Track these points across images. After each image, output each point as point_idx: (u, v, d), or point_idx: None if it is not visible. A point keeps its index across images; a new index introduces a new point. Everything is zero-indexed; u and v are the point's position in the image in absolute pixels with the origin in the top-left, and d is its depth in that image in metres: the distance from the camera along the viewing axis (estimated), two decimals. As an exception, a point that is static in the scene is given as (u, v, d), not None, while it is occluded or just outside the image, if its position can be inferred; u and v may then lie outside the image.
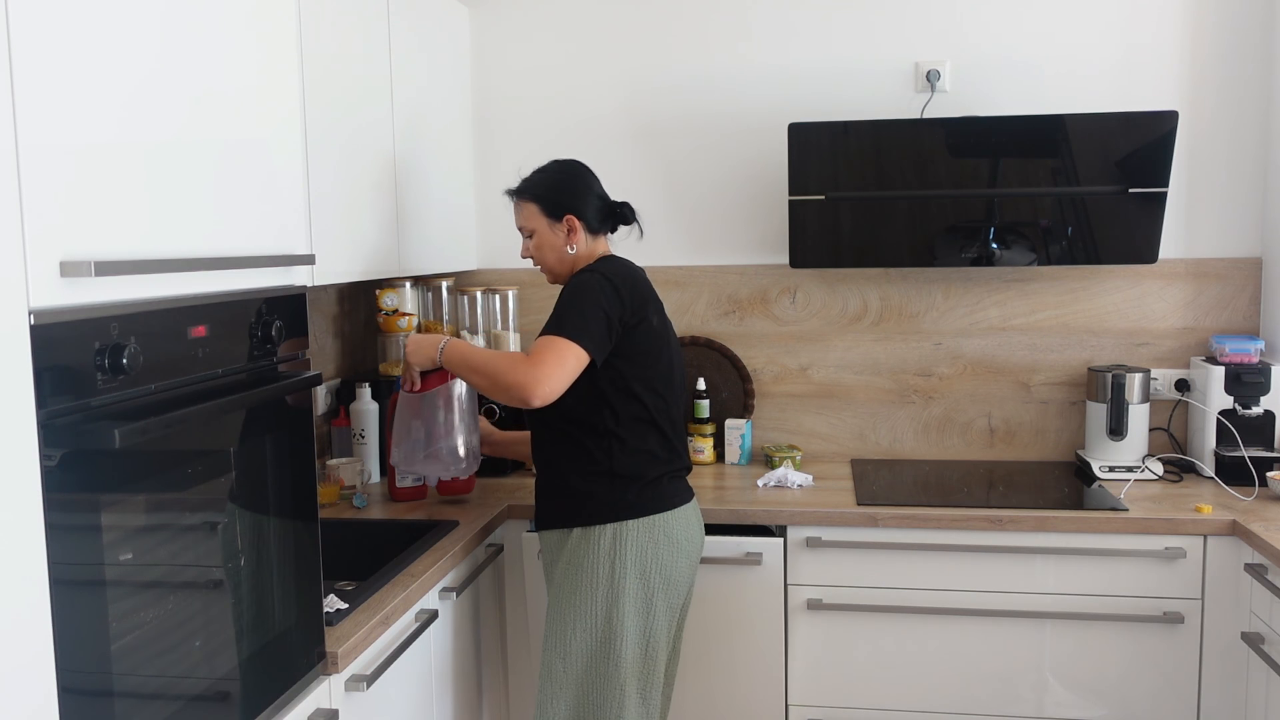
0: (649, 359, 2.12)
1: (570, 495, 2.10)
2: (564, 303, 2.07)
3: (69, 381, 1.16)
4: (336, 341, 2.97)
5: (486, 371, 2.06)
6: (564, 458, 2.12)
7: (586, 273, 2.11)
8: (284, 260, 1.59)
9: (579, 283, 2.09)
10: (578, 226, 2.20)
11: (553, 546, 2.15)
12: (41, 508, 1.12)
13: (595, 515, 2.08)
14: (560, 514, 2.12)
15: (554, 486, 2.15)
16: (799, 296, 3.07)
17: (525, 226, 2.23)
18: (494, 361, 2.07)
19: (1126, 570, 2.42)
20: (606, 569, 2.05)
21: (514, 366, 2.02)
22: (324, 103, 2.21)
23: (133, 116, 1.29)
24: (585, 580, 2.06)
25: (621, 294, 2.09)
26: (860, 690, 2.54)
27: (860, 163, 2.78)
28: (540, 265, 2.25)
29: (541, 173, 2.27)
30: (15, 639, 1.10)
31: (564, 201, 2.20)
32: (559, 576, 2.11)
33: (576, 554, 2.08)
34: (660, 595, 2.09)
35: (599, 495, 2.08)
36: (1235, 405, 2.70)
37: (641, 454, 2.11)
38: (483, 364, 2.08)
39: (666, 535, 2.10)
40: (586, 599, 2.06)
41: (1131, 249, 2.74)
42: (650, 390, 2.12)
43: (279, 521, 1.61)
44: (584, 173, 2.26)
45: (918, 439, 3.06)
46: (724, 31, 3.05)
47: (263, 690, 1.56)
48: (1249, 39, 2.84)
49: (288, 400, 1.62)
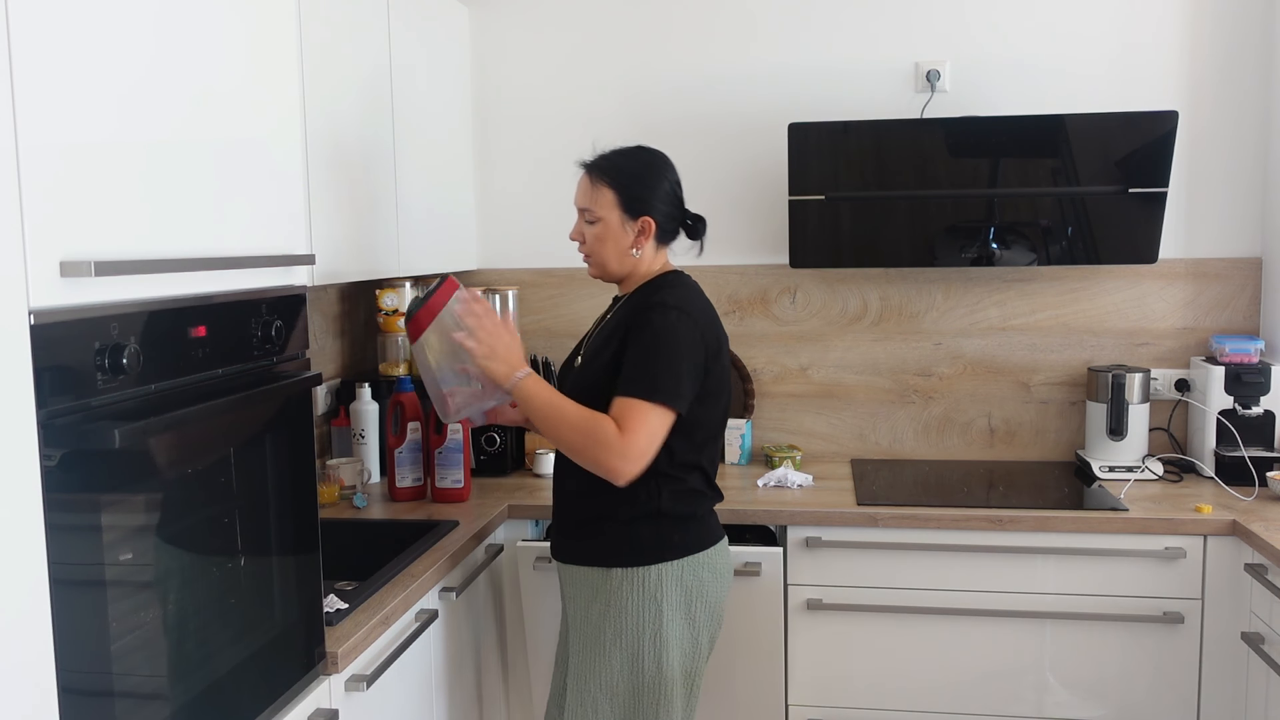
0: (713, 400, 1.96)
1: (611, 535, 1.94)
2: (653, 352, 1.86)
3: (69, 381, 1.16)
4: (336, 341, 2.97)
5: (572, 432, 1.86)
6: (603, 494, 1.92)
7: (672, 311, 1.90)
8: (284, 260, 1.59)
9: (668, 327, 1.88)
10: (651, 231, 1.99)
11: (585, 583, 1.97)
12: (41, 508, 1.12)
13: (640, 557, 1.92)
14: (598, 553, 1.95)
15: (589, 523, 1.97)
16: (799, 296, 3.07)
17: (592, 211, 2.00)
18: (583, 425, 1.85)
19: (1126, 570, 2.41)
20: (653, 613, 1.91)
21: (606, 443, 1.82)
22: (324, 102, 2.21)
23: (132, 116, 1.29)
24: (630, 624, 1.91)
25: (706, 338, 1.93)
26: (860, 690, 2.54)
27: (860, 163, 2.78)
28: (591, 256, 2.03)
29: (626, 157, 2.03)
30: (15, 639, 1.10)
31: (645, 199, 1.99)
32: (596, 617, 1.95)
33: (618, 596, 1.92)
34: (705, 630, 1.98)
35: (644, 536, 1.92)
36: (1235, 405, 2.70)
37: (687, 493, 1.96)
38: (570, 422, 1.86)
39: (710, 569, 1.97)
40: (632, 642, 1.91)
41: (1131, 249, 2.73)
42: (708, 432, 1.98)
43: (279, 521, 1.60)
44: (670, 170, 2.04)
45: (918, 439, 3.06)
46: (724, 31, 3.05)
47: (263, 690, 1.56)
48: (1249, 39, 2.84)
49: (288, 400, 1.62)
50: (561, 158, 3.15)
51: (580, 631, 1.98)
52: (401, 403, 2.63)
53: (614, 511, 1.93)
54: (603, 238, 2.00)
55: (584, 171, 2.04)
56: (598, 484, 1.91)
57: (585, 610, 1.97)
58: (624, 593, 1.92)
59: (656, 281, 2.01)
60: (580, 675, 1.97)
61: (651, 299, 1.95)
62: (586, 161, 2.04)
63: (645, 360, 1.87)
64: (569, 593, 2.03)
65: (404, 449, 2.63)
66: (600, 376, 1.93)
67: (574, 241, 2.06)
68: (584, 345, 2.09)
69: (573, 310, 3.17)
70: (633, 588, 1.92)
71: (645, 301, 1.96)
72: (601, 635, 1.94)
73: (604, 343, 1.98)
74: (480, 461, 2.86)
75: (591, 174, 2.02)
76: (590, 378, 1.96)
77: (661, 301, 1.92)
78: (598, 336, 2.03)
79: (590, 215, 2.01)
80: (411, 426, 2.63)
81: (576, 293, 3.17)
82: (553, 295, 3.19)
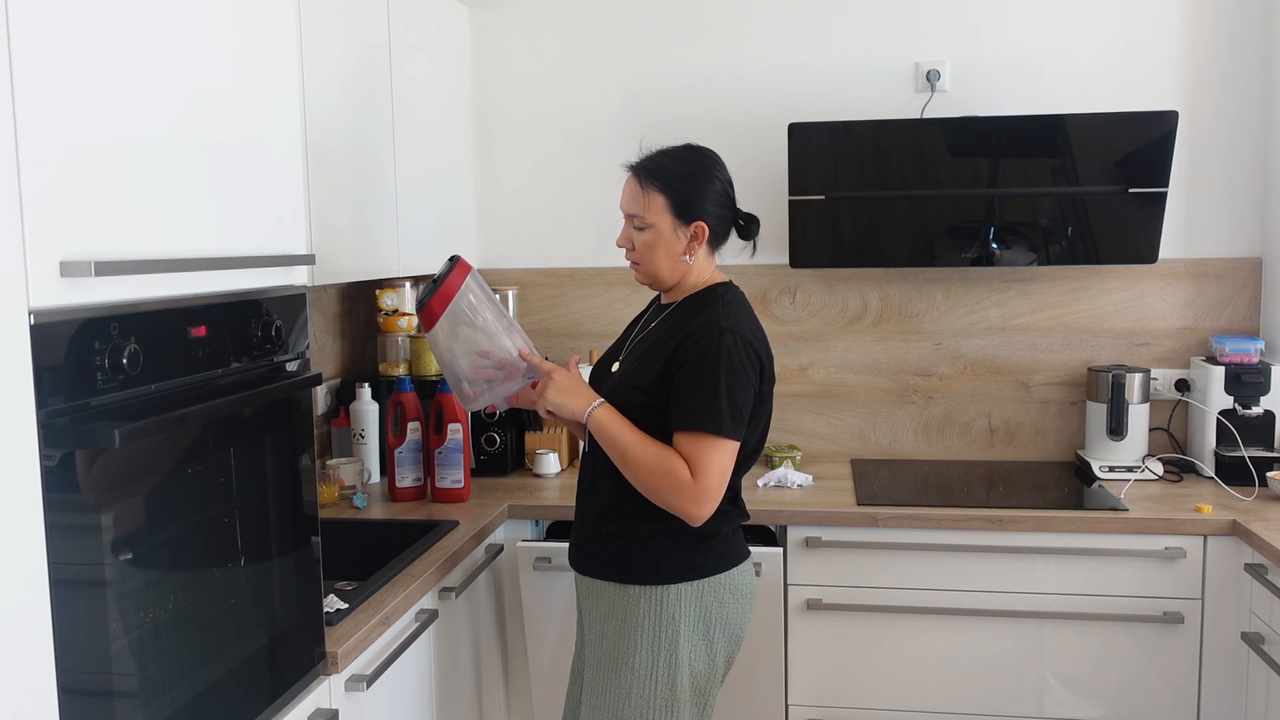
0: (756, 421, 1.91)
1: (631, 551, 1.89)
2: (714, 381, 1.79)
3: (69, 381, 1.16)
4: (336, 341, 2.97)
5: (647, 473, 1.81)
6: (628, 508, 1.88)
7: (727, 334, 1.82)
8: (284, 260, 1.59)
9: (725, 352, 1.80)
10: (704, 237, 1.90)
11: (601, 597, 1.92)
12: (41, 508, 1.12)
13: (658, 575, 1.86)
14: (616, 568, 1.90)
15: (611, 536, 1.91)
16: (799, 296, 3.07)
17: (642, 218, 1.90)
18: (657, 467, 1.80)
19: (1126, 570, 2.41)
20: (669, 633, 1.85)
21: (681, 489, 1.78)
22: (323, 102, 2.21)
23: (132, 116, 1.29)
24: (645, 642, 1.86)
25: (763, 360, 1.88)
26: (860, 690, 2.54)
27: (860, 163, 2.78)
28: (640, 264, 1.93)
29: (675, 159, 1.92)
30: (15, 639, 1.10)
31: (697, 203, 1.89)
32: (611, 633, 1.90)
33: (634, 614, 1.87)
34: (722, 651, 1.92)
35: (664, 554, 1.87)
36: (1235, 405, 2.70)
37: (717, 514, 1.86)
38: (645, 463, 1.81)
39: (731, 590, 1.91)
40: (646, 661, 1.86)
41: (1131, 249, 2.73)
42: (746, 452, 1.91)
43: (279, 522, 1.60)
44: (721, 170, 1.95)
45: (918, 439, 3.06)
46: (724, 31, 3.05)
47: (263, 690, 1.56)
48: (1249, 39, 2.84)
49: (288, 400, 1.62)
50: (562, 158, 3.16)
51: (595, 646, 1.94)
52: (401, 403, 2.63)
53: (636, 527, 1.88)
54: (653, 245, 1.90)
55: (630, 174, 1.93)
56: (624, 496, 1.87)
57: (601, 624, 1.92)
58: (640, 611, 1.86)
59: (707, 295, 1.92)
60: (594, 690, 1.92)
61: (702, 317, 1.86)
62: (633, 164, 1.93)
63: (708, 390, 1.80)
64: (586, 605, 1.98)
65: (404, 449, 2.63)
66: (640, 392, 1.87)
67: (620, 248, 1.96)
68: (624, 350, 2.01)
69: (573, 310, 3.17)
70: (650, 606, 1.86)
71: (696, 318, 1.87)
72: (616, 651, 1.89)
73: (647, 355, 1.91)
74: (480, 461, 2.86)
75: (640, 177, 1.91)
76: (628, 390, 1.89)
77: (715, 323, 1.84)
78: (640, 344, 1.96)
79: (640, 221, 1.90)
80: (411, 426, 2.63)
81: (576, 293, 3.17)
82: (553, 295, 3.19)
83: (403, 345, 2.96)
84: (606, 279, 3.14)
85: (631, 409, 1.86)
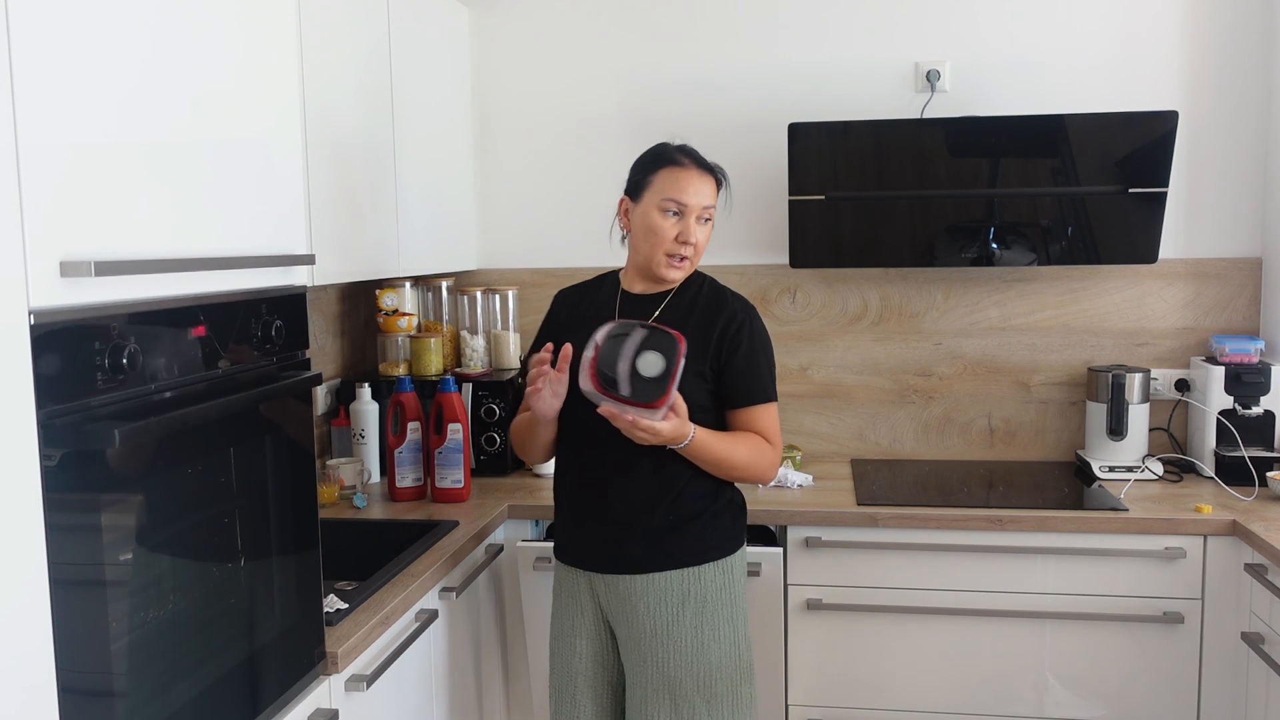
0: None
1: (711, 529, 1.96)
2: (765, 356, 1.99)
3: (69, 381, 1.16)
4: (336, 341, 2.97)
5: (746, 467, 1.95)
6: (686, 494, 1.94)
7: (754, 311, 2.02)
8: (284, 260, 1.59)
9: (763, 332, 2.00)
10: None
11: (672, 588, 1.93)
12: (41, 508, 1.12)
13: (725, 547, 1.97)
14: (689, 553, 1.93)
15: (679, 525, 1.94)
16: (799, 296, 3.07)
17: (713, 209, 1.99)
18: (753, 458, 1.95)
19: (1126, 570, 2.41)
20: (740, 598, 1.98)
21: (771, 460, 1.97)
22: (323, 102, 2.21)
23: (132, 116, 1.29)
24: (725, 615, 1.95)
25: None
26: (860, 690, 2.54)
27: (860, 163, 2.78)
28: (692, 258, 1.99)
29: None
30: (15, 639, 1.10)
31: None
32: (690, 620, 1.92)
33: (713, 590, 1.94)
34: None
35: (726, 526, 1.99)
36: (1235, 405, 2.70)
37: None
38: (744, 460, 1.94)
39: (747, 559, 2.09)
40: (729, 632, 1.95)
41: (1131, 249, 2.73)
42: None
43: (279, 521, 1.60)
44: None
45: (918, 439, 3.06)
46: (724, 31, 3.05)
47: (263, 690, 1.56)
48: (1249, 39, 2.84)
49: (288, 400, 1.62)
50: (562, 157, 3.16)
51: (664, 639, 1.91)
52: (401, 403, 2.63)
53: (708, 506, 1.97)
54: (708, 235, 2.01)
55: (697, 168, 1.97)
56: (674, 487, 1.93)
57: (675, 615, 1.91)
58: (718, 585, 1.95)
59: (700, 279, 2.05)
60: (671, 682, 1.90)
61: (727, 300, 2.01)
62: (703, 162, 1.98)
63: (762, 367, 1.98)
64: (641, 605, 1.93)
65: (404, 449, 2.63)
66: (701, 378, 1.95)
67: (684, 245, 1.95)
68: None
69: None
70: (725, 579, 1.96)
71: (719, 300, 2.00)
72: (699, 634, 1.92)
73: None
74: (480, 461, 2.86)
75: (717, 176, 2.01)
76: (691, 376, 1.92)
77: (744, 304, 2.01)
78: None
79: (711, 213, 1.99)
80: (411, 426, 2.63)
81: (576, 293, 3.16)
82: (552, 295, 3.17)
83: (403, 345, 2.96)
84: (606, 279, 3.13)
85: (694, 394, 1.93)
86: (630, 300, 2.03)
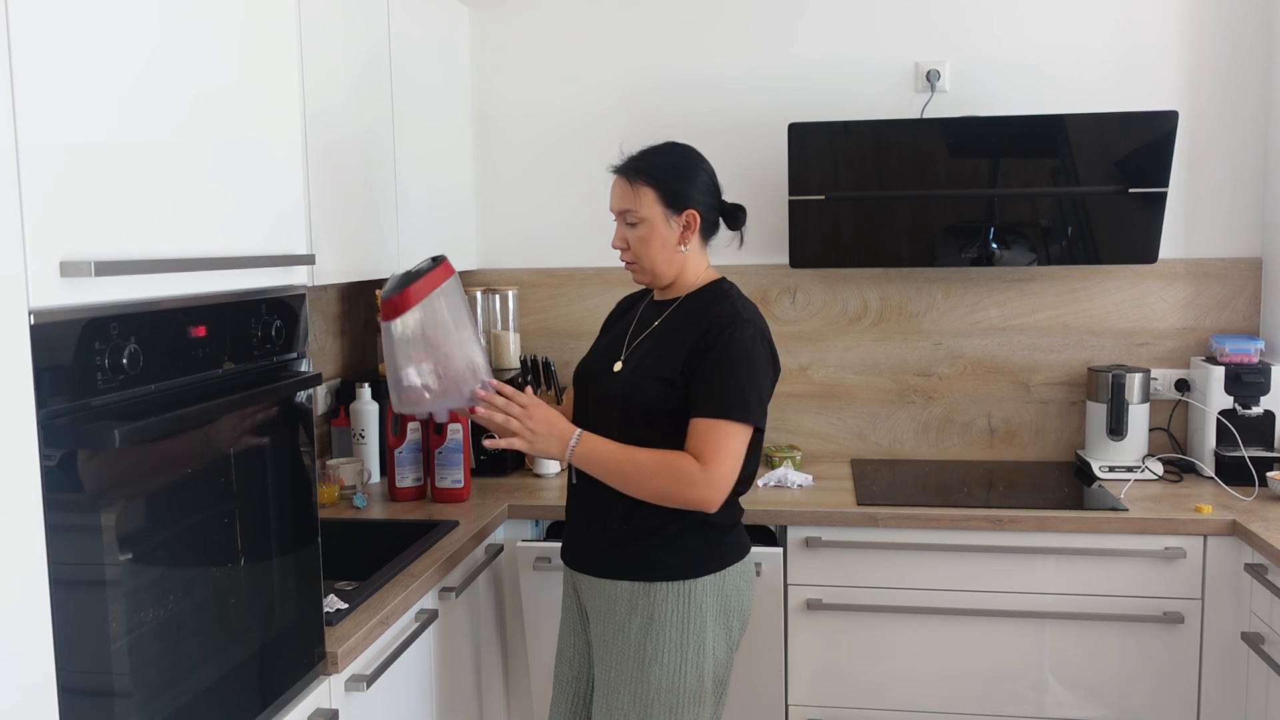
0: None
1: (657, 548, 1.88)
2: (739, 369, 1.83)
3: (69, 381, 1.16)
4: (336, 341, 2.97)
5: (650, 480, 1.82)
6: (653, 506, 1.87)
7: (749, 326, 1.87)
8: (284, 260, 1.59)
9: (744, 343, 1.84)
10: (696, 225, 1.93)
11: (622, 598, 1.90)
12: (41, 508, 1.12)
13: (685, 570, 1.87)
14: (641, 567, 1.89)
15: (638, 536, 1.89)
16: (799, 296, 3.07)
17: (634, 213, 1.92)
18: (661, 470, 1.81)
19: (1126, 570, 2.41)
20: (697, 625, 1.87)
21: (691, 479, 1.80)
22: (323, 102, 2.21)
23: (132, 116, 1.29)
24: (673, 637, 1.86)
25: (772, 348, 1.92)
26: (860, 690, 2.54)
27: (860, 163, 2.78)
28: (638, 262, 1.96)
29: (657, 154, 1.97)
30: (15, 639, 1.10)
31: (684, 192, 1.92)
32: (635, 633, 1.88)
33: (662, 610, 1.87)
34: (737, 637, 1.96)
35: (691, 548, 1.88)
36: (1235, 405, 2.70)
37: (731, 504, 1.92)
38: (646, 471, 1.82)
39: (745, 578, 1.95)
40: (675, 655, 1.86)
41: (1131, 249, 2.74)
42: (756, 445, 1.92)
43: (279, 521, 1.60)
44: (704, 161, 1.99)
45: (918, 439, 3.06)
46: (724, 31, 3.05)
47: (263, 690, 1.56)
48: (1249, 39, 2.84)
49: (288, 400, 1.62)
50: (561, 158, 3.16)
51: (612, 646, 1.91)
52: (401, 403, 2.63)
53: (664, 524, 1.87)
54: (648, 239, 1.93)
55: (617, 175, 1.97)
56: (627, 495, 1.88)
57: (622, 625, 1.90)
58: (668, 606, 1.87)
59: (713, 290, 1.96)
60: (613, 690, 1.90)
61: (719, 309, 1.90)
62: (617, 165, 1.97)
63: (729, 378, 1.83)
64: (599, 606, 1.94)
65: (404, 449, 2.63)
66: (665, 384, 1.87)
67: (616, 249, 1.98)
68: (626, 348, 1.99)
69: (573, 310, 3.17)
70: (678, 601, 1.87)
71: (711, 310, 1.90)
72: (642, 649, 1.87)
73: (659, 353, 1.91)
74: (480, 461, 2.86)
75: (627, 175, 1.94)
76: (651, 381, 1.89)
77: (736, 315, 1.88)
78: (647, 341, 1.96)
79: (632, 216, 1.93)
80: (411, 426, 2.63)
81: (576, 292, 3.17)
82: (553, 295, 3.19)
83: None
84: (606, 279, 3.14)
85: (655, 399, 1.88)
86: (652, 307, 2.04)
